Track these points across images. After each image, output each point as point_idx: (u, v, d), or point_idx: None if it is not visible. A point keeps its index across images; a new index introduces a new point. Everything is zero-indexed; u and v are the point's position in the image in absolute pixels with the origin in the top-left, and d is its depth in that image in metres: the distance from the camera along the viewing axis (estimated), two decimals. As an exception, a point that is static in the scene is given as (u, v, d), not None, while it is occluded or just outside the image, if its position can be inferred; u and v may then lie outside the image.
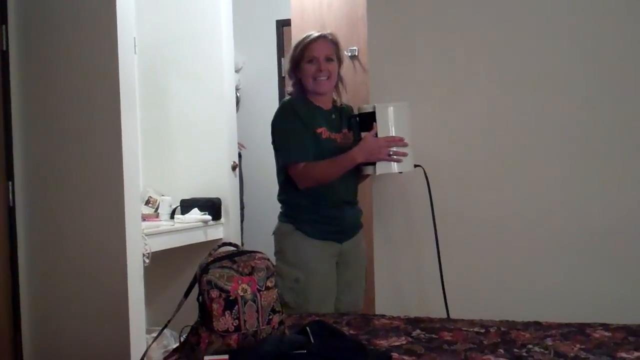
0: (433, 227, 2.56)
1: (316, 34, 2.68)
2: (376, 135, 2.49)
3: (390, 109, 2.53)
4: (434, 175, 2.60)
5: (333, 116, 2.72)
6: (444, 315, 2.42)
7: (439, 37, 2.70)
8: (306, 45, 2.66)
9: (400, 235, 2.76)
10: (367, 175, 2.73)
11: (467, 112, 2.68)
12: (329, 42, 2.69)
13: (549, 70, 2.58)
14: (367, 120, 2.54)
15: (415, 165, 2.55)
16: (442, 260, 2.54)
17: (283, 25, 5.10)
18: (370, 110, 2.54)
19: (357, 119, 2.62)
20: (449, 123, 2.70)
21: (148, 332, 3.33)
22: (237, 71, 4.92)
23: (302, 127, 2.61)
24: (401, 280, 2.77)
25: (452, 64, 2.69)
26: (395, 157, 2.48)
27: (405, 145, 2.50)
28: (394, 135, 2.49)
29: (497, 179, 2.66)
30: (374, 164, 2.53)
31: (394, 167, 2.52)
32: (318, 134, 2.62)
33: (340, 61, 2.72)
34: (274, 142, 2.69)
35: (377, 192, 2.78)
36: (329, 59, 2.65)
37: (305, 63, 2.65)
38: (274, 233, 2.75)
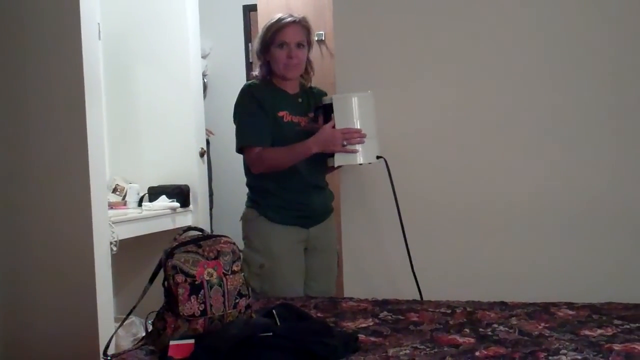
0: (398, 214, 2.55)
1: (289, 19, 2.61)
2: (334, 126, 2.47)
3: (349, 100, 2.51)
4: (400, 162, 2.60)
5: (300, 100, 2.69)
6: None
7: (406, 22, 2.70)
8: (278, 30, 2.59)
9: (367, 221, 2.77)
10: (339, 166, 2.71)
11: (433, 98, 2.69)
12: (301, 27, 2.63)
13: (516, 58, 2.59)
14: (329, 111, 2.52)
15: (378, 157, 2.53)
16: (410, 245, 2.55)
17: (250, 11, 5.07)
18: (329, 101, 2.53)
19: (323, 109, 2.59)
20: (414, 109, 2.71)
21: (117, 320, 3.30)
22: (204, 57, 4.88)
23: (261, 112, 2.57)
24: (369, 265, 2.78)
25: (418, 50, 2.69)
26: (349, 148, 2.46)
27: (362, 136, 2.47)
28: (354, 127, 2.47)
29: (461, 165, 2.67)
30: (333, 155, 2.51)
31: (354, 158, 2.49)
32: (279, 118, 2.59)
33: (310, 45, 2.69)
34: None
35: (344, 178, 2.79)
36: (299, 45, 2.61)
37: (275, 47, 2.60)
38: (241, 219, 2.73)
